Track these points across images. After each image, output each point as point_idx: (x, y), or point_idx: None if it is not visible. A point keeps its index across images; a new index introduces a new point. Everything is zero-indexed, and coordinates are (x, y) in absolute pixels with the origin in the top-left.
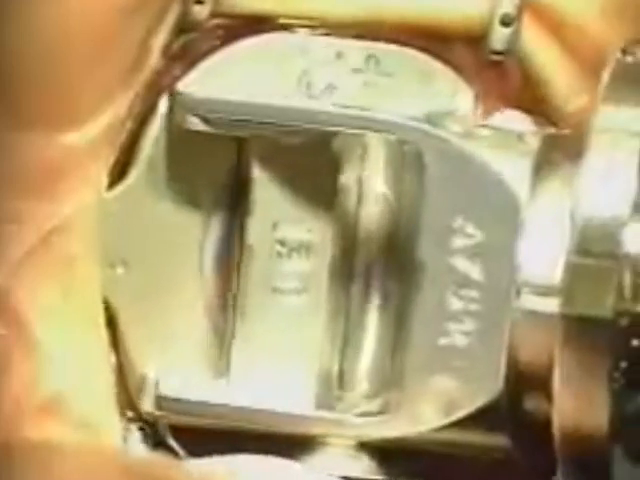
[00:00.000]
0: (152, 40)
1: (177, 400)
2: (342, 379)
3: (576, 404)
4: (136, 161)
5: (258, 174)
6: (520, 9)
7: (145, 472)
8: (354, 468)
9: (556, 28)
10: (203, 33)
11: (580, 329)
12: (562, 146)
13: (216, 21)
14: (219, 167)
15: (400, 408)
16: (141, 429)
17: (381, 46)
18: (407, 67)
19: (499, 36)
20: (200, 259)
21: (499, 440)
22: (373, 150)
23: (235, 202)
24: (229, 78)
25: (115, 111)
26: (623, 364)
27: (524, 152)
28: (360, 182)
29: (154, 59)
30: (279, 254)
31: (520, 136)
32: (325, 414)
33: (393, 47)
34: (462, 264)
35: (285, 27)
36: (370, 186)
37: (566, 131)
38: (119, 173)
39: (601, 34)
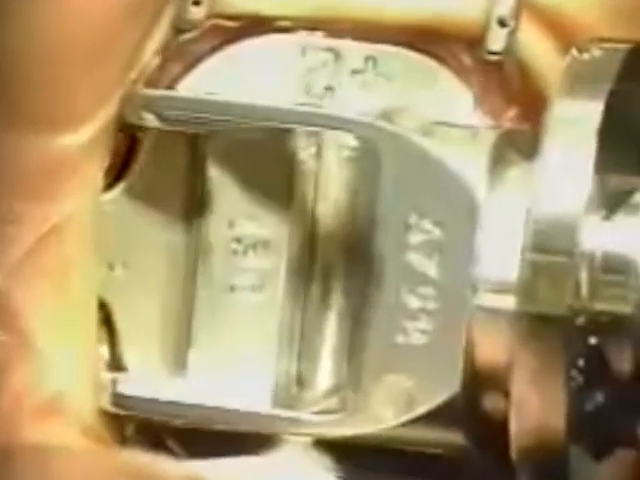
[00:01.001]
0: (148, 42)
1: (132, 398)
2: (300, 377)
3: (534, 403)
4: (134, 162)
5: (214, 172)
6: (517, 10)
7: (143, 473)
8: (312, 467)
9: (554, 28)
10: (200, 34)
11: (537, 327)
12: (518, 142)
13: (213, 22)
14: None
15: (357, 406)
16: (138, 429)
17: (380, 47)
18: (406, 68)
19: (496, 37)
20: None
21: (457, 438)
22: (329, 147)
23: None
24: (228, 80)
25: (111, 112)
26: (581, 362)
27: (480, 148)
28: (316, 180)
29: (150, 60)
30: (235, 252)
31: (476, 132)
32: (282, 412)
33: (392, 48)
34: (419, 261)
35: (283, 28)
36: (326, 183)
37: (522, 127)
38: (117, 174)
39: (601, 33)
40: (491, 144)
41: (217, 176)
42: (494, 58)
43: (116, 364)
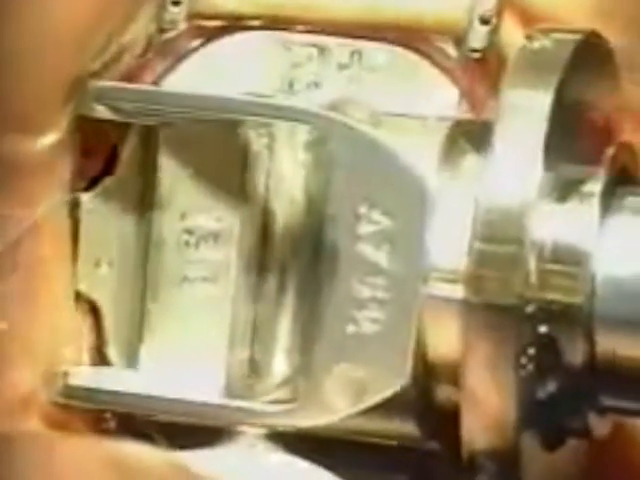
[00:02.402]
0: (124, 41)
1: (86, 390)
2: (253, 368)
3: (484, 392)
4: (117, 159)
5: (165, 163)
6: (499, 7)
7: (138, 465)
8: (265, 457)
9: (534, 25)
10: (181, 33)
11: (487, 316)
12: (470, 132)
13: (194, 21)
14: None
15: (309, 396)
16: (122, 421)
17: (365, 42)
18: (391, 63)
19: (478, 34)
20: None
21: (410, 429)
22: (282, 138)
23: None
24: (211, 77)
25: None
26: (531, 351)
27: (432, 139)
28: (269, 171)
29: (130, 59)
30: (187, 243)
31: (427, 122)
32: (233, 402)
33: (377, 44)
34: (369, 251)
35: (264, 27)
36: (279, 175)
37: (472, 117)
38: (100, 172)
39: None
40: (443, 134)
41: (169, 168)
42: (476, 55)
43: (103, 360)
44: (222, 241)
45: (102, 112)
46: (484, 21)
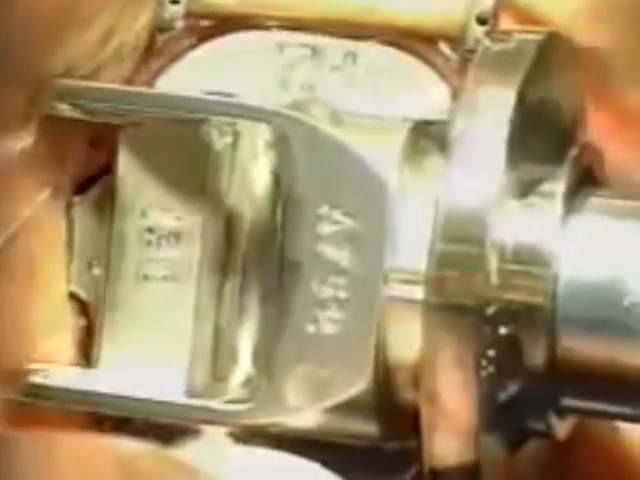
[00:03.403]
0: (116, 39)
1: (47, 388)
2: (214, 368)
3: (445, 393)
4: (113, 160)
5: (128, 162)
6: (496, 8)
7: (138, 464)
8: (227, 456)
9: (531, 26)
10: (179, 32)
11: (447, 317)
12: (432, 132)
13: (192, 21)
14: None
15: (269, 396)
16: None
17: (359, 44)
18: (385, 65)
19: (475, 34)
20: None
21: (368, 429)
22: (244, 137)
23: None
24: (205, 77)
25: None
26: (491, 352)
27: (393, 138)
28: (231, 170)
29: (125, 58)
30: (148, 242)
31: (389, 123)
32: (193, 401)
33: (371, 45)
34: (330, 251)
35: (261, 27)
36: (241, 174)
37: (432, 117)
38: (95, 173)
39: (577, 33)
40: (404, 134)
41: (130, 166)
42: (473, 56)
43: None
44: (184, 240)
45: (66, 111)
46: (481, 21)
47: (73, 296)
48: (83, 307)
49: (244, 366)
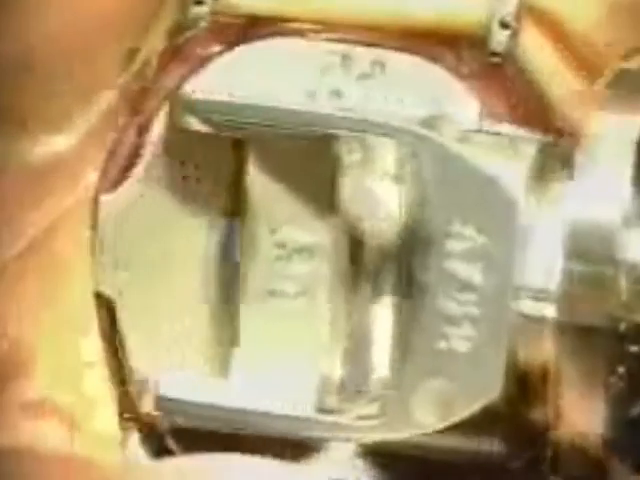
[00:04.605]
0: (141, 42)
1: (176, 401)
2: (342, 382)
3: (573, 410)
4: (138, 162)
5: (257, 176)
6: (519, 11)
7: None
8: (352, 471)
9: (556, 33)
10: (204, 35)
11: (577, 336)
12: (558, 152)
13: (216, 22)
14: (221, 169)
15: (399, 411)
16: (140, 431)
17: (386, 51)
18: (412, 72)
19: (498, 38)
20: (203, 261)
21: (496, 445)
22: (375, 153)
23: (236, 205)
24: (233, 82)
25: (100, 112)
26: (621, 370)
27: (521, 157)
28: (360, 185)
29: (149, 60)
30: (279, 257)
31: (516, 141)
32: (324, 417)
33: (397, 52)
34: (461, 268)
35: (288, 31)
36: (370, 189)
37: (562, 138)
38: (120, 174)
39: (600, 39)
40: (532, 154)
41: (261, 181)
42: (496, 60)
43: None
44: (313, 255)
45: (194, 124)
46: (504, 25)
47: (98, 296)
48: (109, 307)
49: (373, 381)
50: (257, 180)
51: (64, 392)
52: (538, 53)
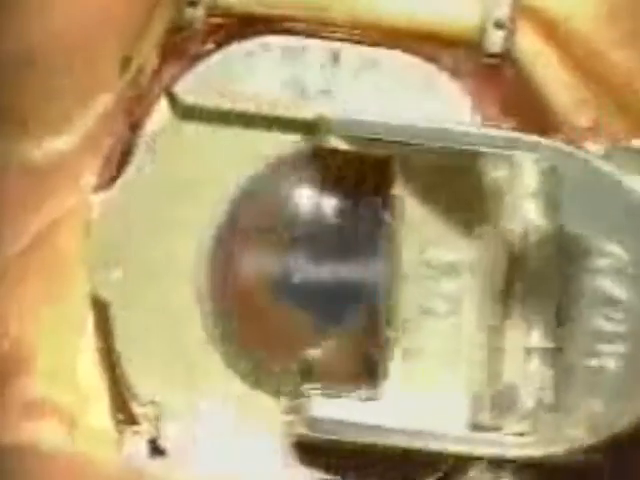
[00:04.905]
0: (138, 45)
1: (329, 422)
2: (494, 399)
3: None
4: (131, 162)
5: (405, 195)
6: (514, 12)
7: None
8: None
9: (551, 32)
10: (197, 34)
11: None
12: None
13: (210, 22)
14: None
15: (550, 427)
16: (135, 432)
17: (377, 50)
18: (403, 71)
19: (494, 39)
20: (196, 260)
21: None
22: (523, 171)
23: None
24: (224, 81)
25: (98, 113)
26: None
27: None
28: (506, 202)
29: (143, 68)
30: (429, 276)
31: None
32: (481, 435)
33: (389, 51)
34: (608, 285)
35: (280, 30)
36: (515, 206)
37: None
38: (113, 174)
39: (595, 37)
40: None
41: (408, 200)
42: (492, 61)
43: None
44: (460, 273)
45: (338, 143)
46: (499, 25)
47: (91, 296)
48: (101, 306)
49: (525, 398)
50: (405, 198)
51: (64, 391)
52: (533, 51)
